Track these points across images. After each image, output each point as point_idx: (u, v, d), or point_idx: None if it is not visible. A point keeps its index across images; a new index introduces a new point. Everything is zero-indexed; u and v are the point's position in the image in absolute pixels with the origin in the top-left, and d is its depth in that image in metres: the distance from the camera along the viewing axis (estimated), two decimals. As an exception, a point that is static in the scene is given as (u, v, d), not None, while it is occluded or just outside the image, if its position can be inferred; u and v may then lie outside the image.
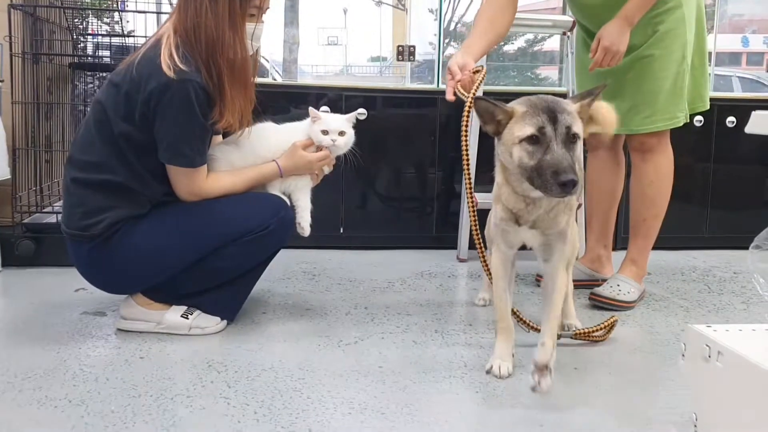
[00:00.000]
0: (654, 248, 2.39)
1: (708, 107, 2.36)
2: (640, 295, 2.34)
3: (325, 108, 2.97)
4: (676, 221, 3.03)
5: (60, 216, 1.99)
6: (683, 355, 1.35)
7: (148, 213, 1.87)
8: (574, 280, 2.36)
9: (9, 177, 2.63)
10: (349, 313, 2.19)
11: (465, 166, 1.80)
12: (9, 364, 1.72)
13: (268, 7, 1.93)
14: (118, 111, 1.82)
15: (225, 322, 2.01)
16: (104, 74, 3.08)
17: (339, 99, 3.05)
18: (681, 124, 2.26)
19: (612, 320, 1.97)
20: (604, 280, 2.41)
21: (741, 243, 1.48)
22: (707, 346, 1.28)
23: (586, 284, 2.44)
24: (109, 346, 1.88)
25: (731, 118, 3.22)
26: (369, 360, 1.81)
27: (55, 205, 2.86)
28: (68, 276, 2.17)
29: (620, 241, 2.98)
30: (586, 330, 1.93)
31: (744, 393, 1.20)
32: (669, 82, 2.21)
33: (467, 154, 1.78)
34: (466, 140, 1.78)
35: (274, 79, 4.49)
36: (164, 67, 1.76)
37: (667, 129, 2.27)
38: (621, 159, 2.48)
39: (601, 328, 1.94)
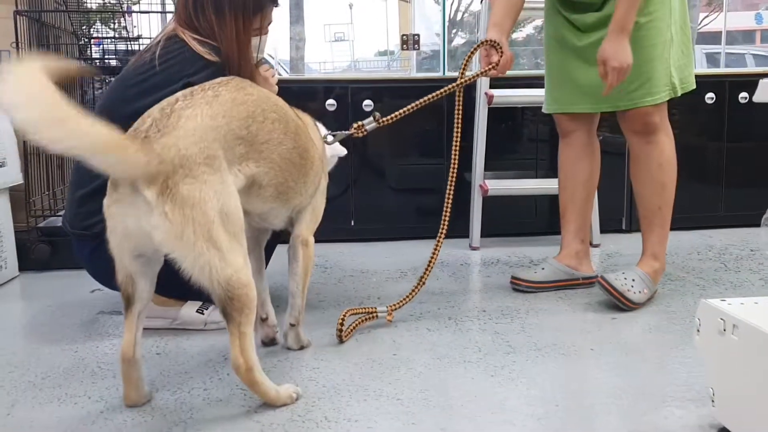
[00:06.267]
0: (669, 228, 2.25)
1: (695, 86, 2.21)
2: (650, 297, 2.14)
3: (330, 102, 2.99)
4: (691, 201, 3.00)
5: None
6: (698, 330, 1.34)
7: None
8: (552, 281, 2.28)
9: (22, 182, 2.66)
10: (362, 303, 2.19)
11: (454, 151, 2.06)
12: (29, 365, 1.75)
13: (270, 21, 1.95)
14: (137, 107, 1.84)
15: (239, 316, 2.02)
16: (112, 78, 3.10)
17: (345, 92, 3.05)
18: (678, 94, 2.13)
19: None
20: (585, 279, 2.29)
21: (758, 221, 1.46)
22: (722, 319, 1.27)
23: (566, 284, 2.28)
24: (126, 343, 1.90)
25: (744, 94, 3.18)
26: (383, 348, 1.82)
27: (69, 208, 2.89)
28: (83, 278, 2.19)
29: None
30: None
31: (761, 365, 1.19)
32: (658, 50, 2.08)
33: (458, 137, 2.08)
34: (459, 123, 2.07)
35: (280, 75, 4.51)
36: (204, 54, 1.82)
37: (665, 101, 2.11)
38: (596, 144, 2.33)
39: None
